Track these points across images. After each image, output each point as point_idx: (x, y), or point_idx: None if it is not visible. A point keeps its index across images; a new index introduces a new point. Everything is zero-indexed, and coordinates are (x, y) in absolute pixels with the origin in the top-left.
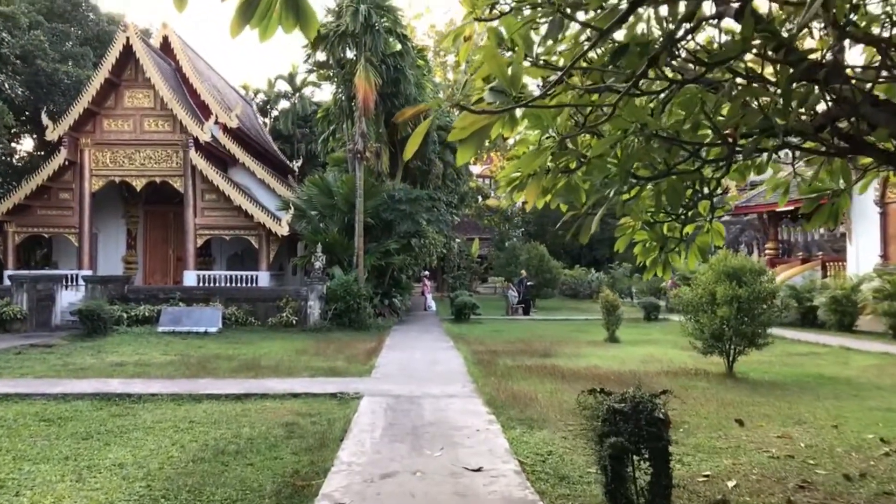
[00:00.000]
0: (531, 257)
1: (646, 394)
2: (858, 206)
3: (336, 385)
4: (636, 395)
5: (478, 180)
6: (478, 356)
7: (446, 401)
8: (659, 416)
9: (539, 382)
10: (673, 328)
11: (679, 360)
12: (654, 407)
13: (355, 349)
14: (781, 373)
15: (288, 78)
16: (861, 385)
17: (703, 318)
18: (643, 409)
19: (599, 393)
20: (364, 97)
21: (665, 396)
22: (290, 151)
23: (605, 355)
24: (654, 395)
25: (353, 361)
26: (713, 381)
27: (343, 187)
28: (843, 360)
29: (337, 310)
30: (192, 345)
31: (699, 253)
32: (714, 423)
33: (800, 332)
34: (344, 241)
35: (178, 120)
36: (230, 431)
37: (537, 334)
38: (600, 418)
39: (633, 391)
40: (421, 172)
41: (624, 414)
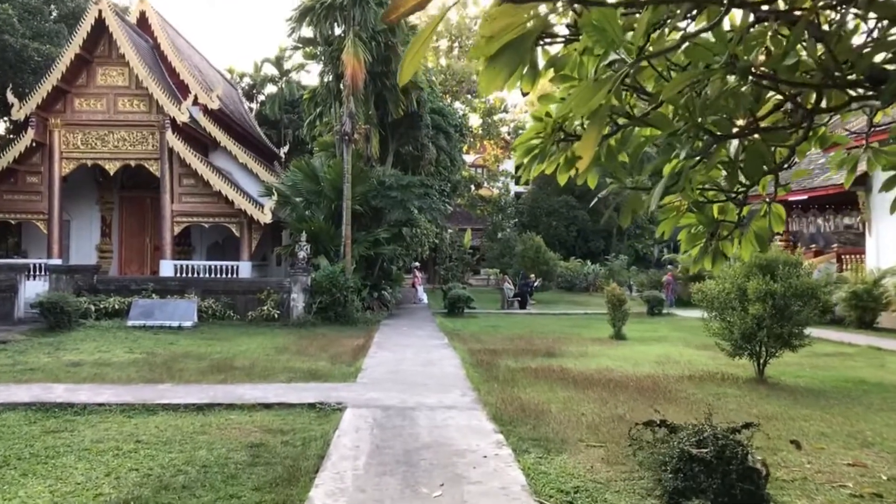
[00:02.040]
0: (527, 248)
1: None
2: (880, 195)
3: (316, 393)
4: (714, 432)
5: (470, 169)
6: (476, 356)
7: (444, 414)
8: (754, 467)
9: (548, 389)
10: (680, 324)
11: (698, 361)
12: (745, 452)
13: (341, 347)
14: (816, 377)
15: (275, 61)
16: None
17: (733, 317)
18: (731, 455)
19: (659, 426)
20: (352, 75)
21: (749, 431)
22: (276, 138)
23: (615, 355)
24: (733, 430)
25: (337, 362)
26: (744, 387)
27: (330, 172)
28: (878, 363)
29: (322, 303)
30: (162, 341)
31: (756, 241)
32: (765, 444)
33: (818, 330)
34: (330, 230)
35: (154, 99)
36: (182, 455)
37: (537, 330)
38: (670, 466)
39: (704, 424)
40: (412, 158)
41: (705, 463)
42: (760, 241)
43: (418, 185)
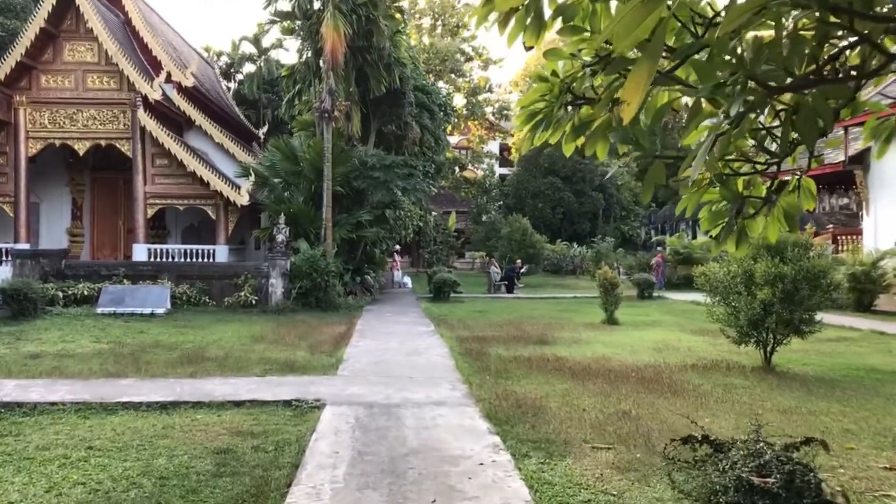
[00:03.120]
0: (513, 231)
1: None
2: (878, 175)
3: (292, 387)
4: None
5: (455, 151)
6: (465, 344)
7: (433, 412)
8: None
9: (544, 381)
10: (672, 307)
11: (699, 348)
12: (818, 480)
13: (321, 335)
14: (825, 365)
15: (253, 39)
16: None
17: (739, 302)
18: (803, 484)
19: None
20: (332, 49)
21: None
22: (255, 118)
23: (610, 341)
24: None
25: (317, 352)
26: (752, 377)
27: (310, 152)
28: (885, 348)
29: (302, 288)
30: (132, 329)
31: (784, 219)
32: None
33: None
34: (310, 212)
35: (125, 76)
36: (138, 464)
37: (526, 315)
38: (724, 499)
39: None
40: (396, 138)
41: (771, 496)
42: (789, 220)
43: (402, 166)
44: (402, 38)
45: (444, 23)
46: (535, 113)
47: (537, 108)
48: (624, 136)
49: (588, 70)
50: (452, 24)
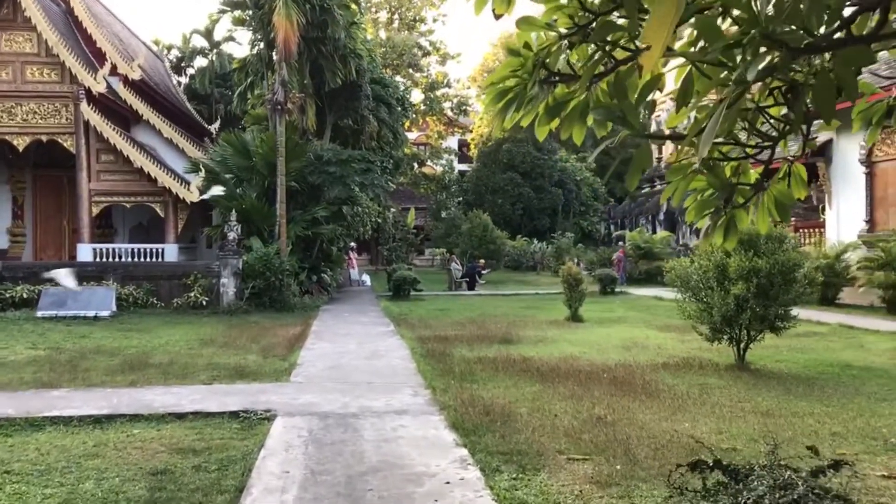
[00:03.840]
0: (474, 227)
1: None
2: (839, 167)
3: (241, 397)
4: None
5: (413, 147)
6: (426, 345)
7: (395, 422)
8: None
9: (511, 384)
10: (635, 303)
11: (668, 345)
12: None
13: (275, 337)
14: (798, 361)
15: (205, 32)
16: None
17: (712, 298)
18: None
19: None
20: (285, 39)
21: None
22: (207, 113)
23: (576, 339)
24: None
25: (269, 355)
26: (726, 375)
27: (262, 146)
28: (856, 343)
29: (255, 288)
30: (74, 334)
31: (776, 208)
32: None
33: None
34: (264, 208)
35: (66, 68)
36: (62, 491)
37: (489, 313)
38: None
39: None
40: (352, 132)
41: None
42: (781, 210)
43: (359, 160)
44: (358, 30)
45: (400, 17)
46: (505, 91)
47: (508, 86)
48: (609, 113)
49: (565, 43)
50: (409, 19)
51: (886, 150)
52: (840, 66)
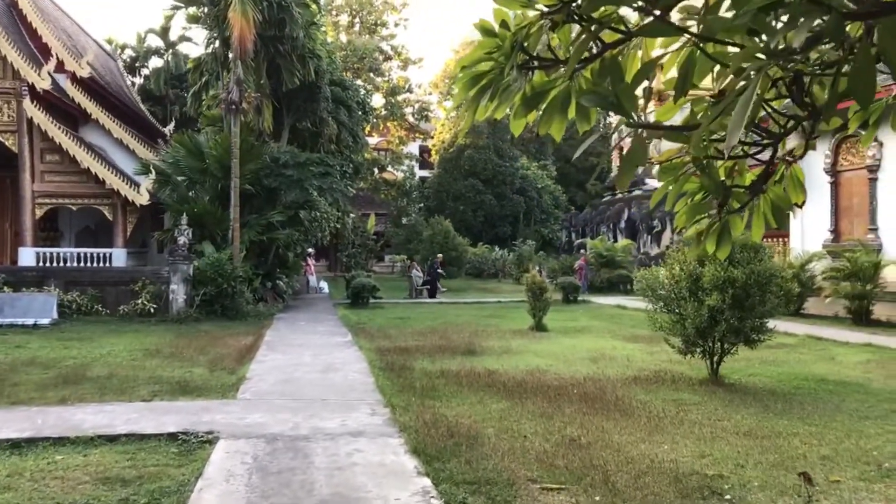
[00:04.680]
0: (435, 234)
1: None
2: (806, 175)
3: (182, 416)
4: None
5: (374, 152)
6: (386, 357)
7: (350, 445)
8: None
9: (477, 401)
10: (598, 312)
11: (636, 357)
12: None
13: (225, 348)
14: (772, 375)
15: (160, 32)
16: (881, 393)
17: (685, 309)
18: None
19: None
20: (241, 36)
21: None
22: (162, 115)
23: (542, 350)
24: None
25: (217, 368)
26: (700, 391)
27: (217, 148)
28: (826, 355)
29: (206, 295)
30: (8, 344)
31: (773, 214)
32: (764, 478)
33: None
34: (217, 212)
35: (9, 63)
36: None
37: (450, 321)
38: None
39: None
40: (311, 135)
41: None
42: (778, 215)
43: (317, 164)
44: (317, 31)
45: (362, 20)
46: (479, 76)
47: (482, 70)
48: (601, 98)
49: (547, 23)
50: (371, 22)
51: (851, 159)
52: (886, 38)
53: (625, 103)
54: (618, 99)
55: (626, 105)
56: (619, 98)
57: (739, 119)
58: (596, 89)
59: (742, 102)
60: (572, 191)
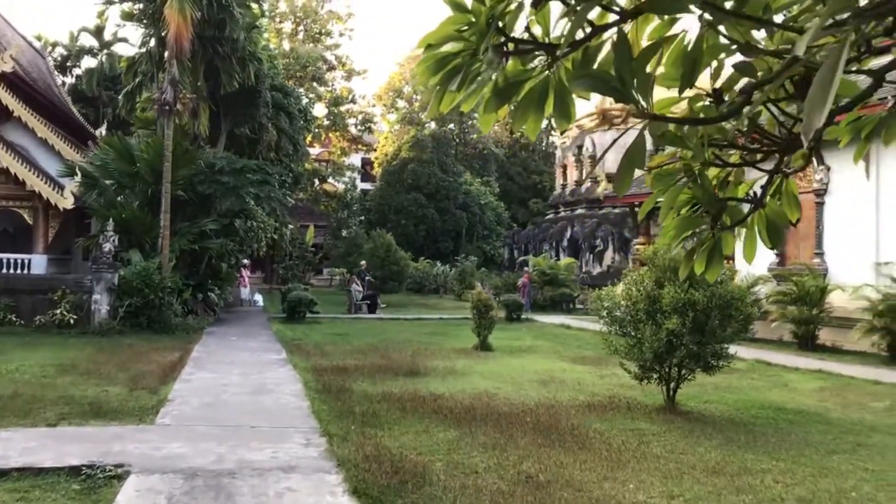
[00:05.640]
0: (377, 247)
1: None
2: None
3: (89, 445)
4: None
5: (315, 163)
6: (322, 377)
7: (281, 483)
8: None
9: (423, 429)
10: (543, 331)
11: (587, 381)
12: None
13: (148, 364)
14: (728, 403)
15: (94, 31)
16: (843, 424)
17: (643, 332)
18: None
19: None
20: (177, 34)
21: None
22: (94, 116)
23: (489, 372)
24: None
25: (137, 387)
26: (657, 419)
27: (148, 151)
28: (779, 381)
29: (132, 306)
30: None
31: (768, 233)
32: None
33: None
34: (146, 219)
35: None
36: None
37: (392, 339)
38: None
39: None
40: (249, 141)
41: None
42: (774, 233)
43: (255, 171)
44: (259, 35)
45: (306, 28)
46: (446, 59)
47: (449, 53)
48: (600, 82)
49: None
50: (315, 31)
51: (799, 182)
52: None
53: (634, 86)
54: (622, 81)
55: (635, 88)
56: (623, 80)
57: (824, 93)
58: (592, 71)
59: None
60: (514, 208)
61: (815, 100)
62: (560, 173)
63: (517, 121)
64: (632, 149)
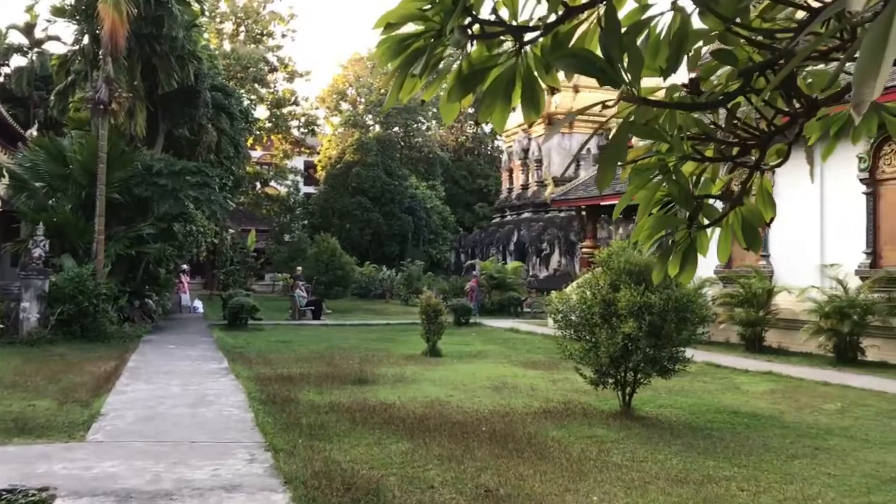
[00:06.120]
0: (321, 251)
1: None
2: None
3: (11, 466)
4: None
5: (256, 165)
6: (266, 387)
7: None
8: None
9: (374, 441)
10: (491, 335)
11: (540, 386)
12: None
13: (80, 375)
14: (682, 406)
15: (24, 29)
16: (799, 428)
17: (599, 336)
18: None
19: None
20: (112, 30)
21: None
22: (24, 117)
23: (439, 379)
24: None
25: (68, 400)
26: (615, 426)
27: (82, 152)
28: (730, 384)
29: (64, 314)
30: None
31: (743, 233)
32: None
33: None
34: (79, 223)
35: None
36: None
37: (337, 346)
38: None
39: None
40: (188, 143)
41: None
42: (749, 233)
43: (194, 173)
44: (199, 34)
45: (247, 29)
46: (407, 41)
47: (411, 35)
48: (583, 62)
49: None
50: (256, 32)
51: None
52: None
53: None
54: (609, 61)
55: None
56: (611, 59)
57: (876, 59)
58: (574, 50)
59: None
60: (460, 212)
61: (867, 67)
62: (506, 177)
63: (483, 111)
64: (613, 141)
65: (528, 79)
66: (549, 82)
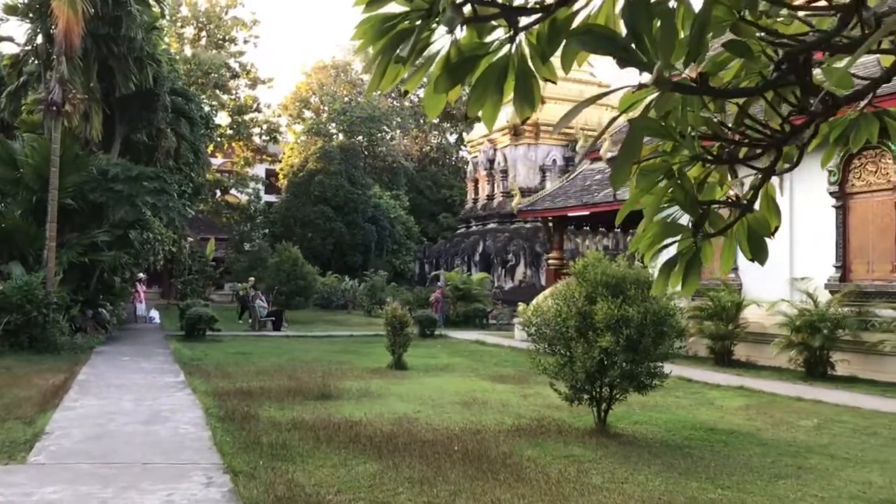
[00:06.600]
0: (282, 261)
1: None
2: None
3: None
4: None
5: (217, 173)
6: (225, 403)
7: None
8: None
9: (340, 462)
10: (457, 347)
11: (510, 401)
12: None
13: (26, 389)
14: (657, 423)
15: None
16: (778, 445)
17: (575, 350)
18: None
19: None
20: (66, 29)
21: None
22: None
23: (406, 393)
24: None
25: (9, 417)
26: (591, 444)
27: (34, 156)
28: (704, 399)
29: (11, 324)
30: None
31: (748, 242)
32: None
33: None
34: (30, 229)
35: None
36: None
37: (299, 358)
38: None
39: None
40: (146, 147)
41: None
42: (755, 243)
43: (152, 179)
44: (160, 38)
45: (209, 34)
46: (391, 21)
47: (392, 15)
48: (606, 41)
49: None
50: (218, 37)
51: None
52: None
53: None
54: (636, 39)
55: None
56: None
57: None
58: (594, 27)
59: None
60: (424, 222)
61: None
62: (471, 187)
63: (473, 104)
64: (629, 138)
65: (522, 69)
66: (545, 74)
